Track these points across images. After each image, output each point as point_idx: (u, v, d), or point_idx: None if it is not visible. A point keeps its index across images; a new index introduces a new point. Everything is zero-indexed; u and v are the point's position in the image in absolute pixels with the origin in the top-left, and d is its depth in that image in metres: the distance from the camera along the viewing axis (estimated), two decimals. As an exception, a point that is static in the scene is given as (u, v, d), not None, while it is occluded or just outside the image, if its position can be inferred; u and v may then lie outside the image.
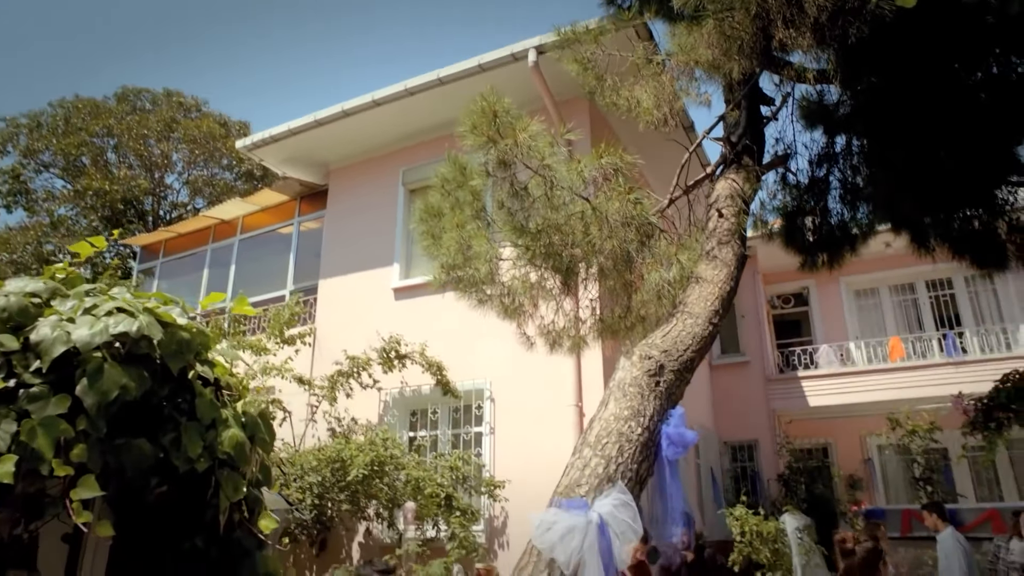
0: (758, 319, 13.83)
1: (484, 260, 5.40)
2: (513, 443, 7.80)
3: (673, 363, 4.05)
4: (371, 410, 8.49)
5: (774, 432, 13.24)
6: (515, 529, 7.42)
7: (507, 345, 6.47)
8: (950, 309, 13.87)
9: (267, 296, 10.80)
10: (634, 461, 3.42)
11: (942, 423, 11.85)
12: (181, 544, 2.20)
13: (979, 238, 5.54)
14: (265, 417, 2.38)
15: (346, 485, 6.77)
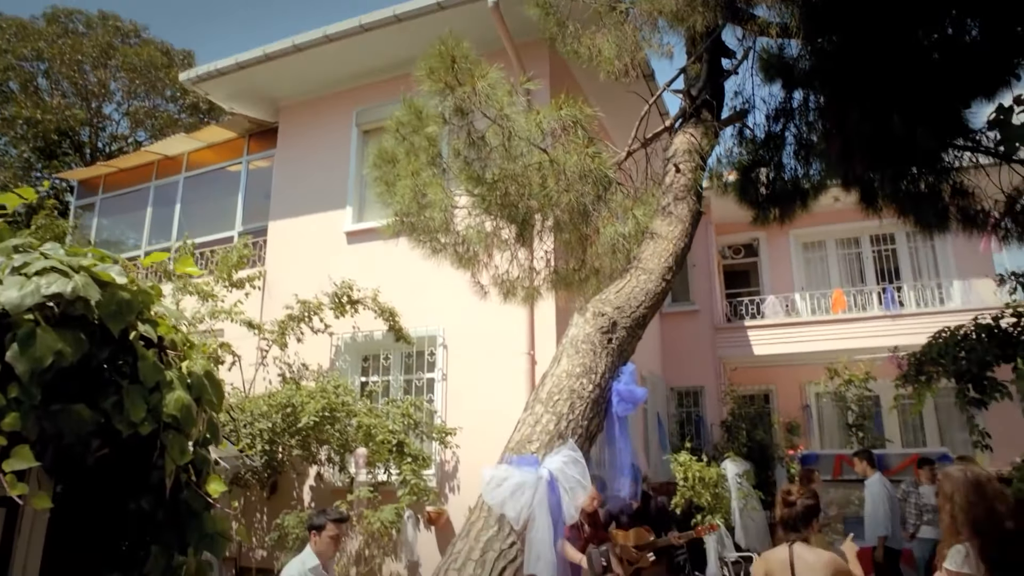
0: (709, 269, 14.07)
1: (439, 209, 5.32)
2: (465, 390, 7.86)
3: (626, 320, 4.09)
4: (323, 355, 8.42)
5: (719, 379, 13.66)
6: (466, 474, 7.55)
7: (461, 293, 6.46)
8: (891, 263, 14.36)
9: (215, 237, 10.49)
10: (585, 418, 3.47)
11: (877, 373, 12.41)
12: (126, 506, 2.16)
13: (924, 199, 5.68)
14: (212, 377, 2.32)
15: (297, 431, 6.76)
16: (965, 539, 2.78)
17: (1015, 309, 7.16)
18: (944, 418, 13.65)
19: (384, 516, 6.53)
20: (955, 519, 2.83)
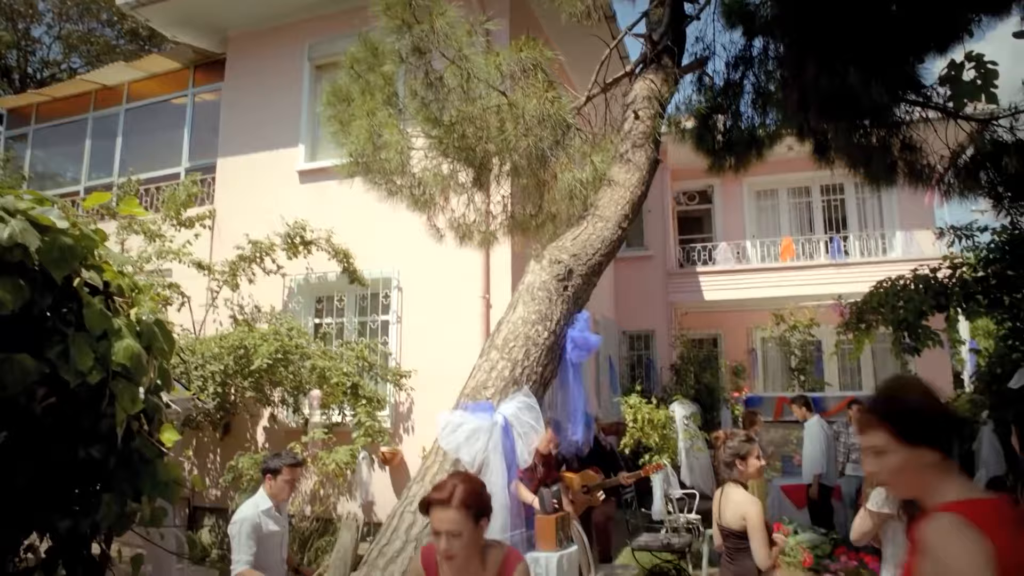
0: (663, 215, 14.20)
1: (395, 150, 5.21)
2: (420, 332, 7.88)
3: (582, 267, 4.13)
4: (275, 296, 8.30)
5: (670, 323, 13.97)
6: (420, 415, 7.64)
7: (416, 236, 6.40)
8: (840, 213, 14.72)
9: (160, 173, 10.08)
10: (539, 364, 3.53)
11: (820, 319, 12.87)
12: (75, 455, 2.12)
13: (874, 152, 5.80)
14: (162, 325, 2.26)
15: (250, 373, 6.70)
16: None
17: (951, 261, 7.45)
18: (879, 363, 14.30)
19: (339, 457, 6.59)
20: None
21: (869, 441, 1.70)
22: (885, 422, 1.68)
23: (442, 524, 2.21)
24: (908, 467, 1.64)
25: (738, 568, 3.30)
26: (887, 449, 1.66)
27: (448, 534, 2.21)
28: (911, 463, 1.64)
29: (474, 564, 2.29)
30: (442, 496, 2.25)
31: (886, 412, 1.70)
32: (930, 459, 1.63)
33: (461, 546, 2.21)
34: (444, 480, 2.35)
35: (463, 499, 2.24)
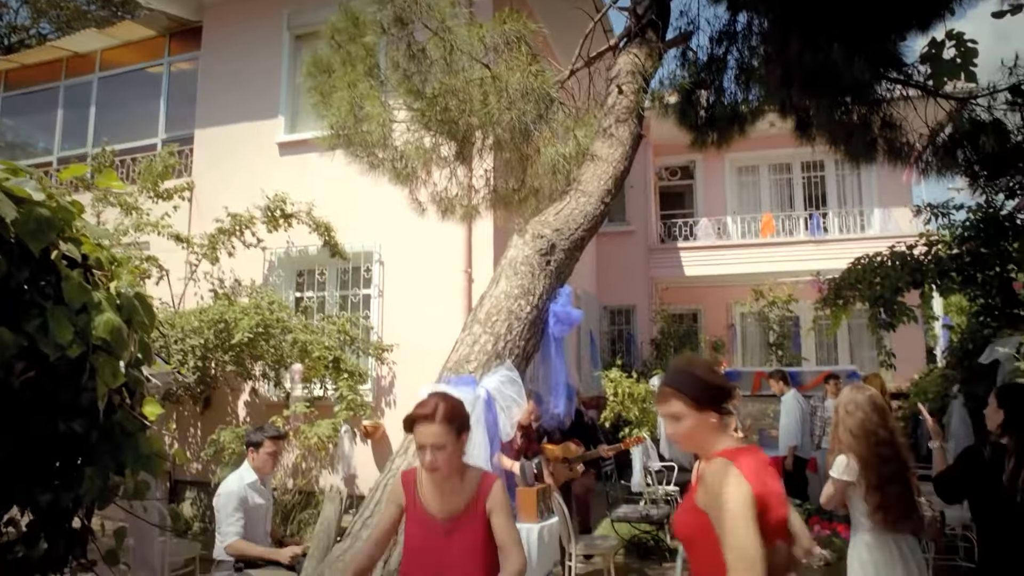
0: (645, 190, 14.22)
1: (377, 123, 5.16)
2: (401, 306, 7.87)
3: (564, 242, 4.14)
4: (255, 270, 8.23)
5: (651, 298, 14.07)
6: (402, 389, 7.66)
7: (398, 209, 6.36)
8: (820, 190, 14.83)
9: (136, 144, 9.88)
10: (522, 338, 3.55)
11: (799, 295, 13.03)
12: (55, 429, 2.11)
13: (855, 130, 5.83)
14: (143, 298, 2.24)
15: (231, 347, 6.67)
16: (846, 450, 3.08)
17: (928, 239, 7.56)
18: (855, 338, 14.54)
19: (321, 430, 6.60)
20: (840, 432, 3.13)
21: (668, 410, 2.04)
22: (681, 393, 2.01)
23: (427, 438, 2.30)
24: (698, 428, 2.01)
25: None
26: (683, 415, 2.01)
27: (433, 447, 2.29)
28: (701, 425, 2.01)
29: (454, 480, 2.37)
30: (426, 412, 2.34)
31: (681, 385, 2.03)
32: (713, 420, 2.01)
33: (445, 459, 2.30)
34: (425, 399, 2.45)
35: (445, 414, 2.33)
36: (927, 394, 8.85)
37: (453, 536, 2.31)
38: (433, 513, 2.36)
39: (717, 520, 1.91)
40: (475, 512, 2.34)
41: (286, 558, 4.08)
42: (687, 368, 2.09)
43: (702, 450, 2.06)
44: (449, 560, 2.27)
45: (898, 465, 3.05)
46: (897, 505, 2.98)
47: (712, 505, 1.93)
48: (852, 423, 3.08)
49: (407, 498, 2.42)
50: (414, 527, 2.36)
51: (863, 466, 3.02)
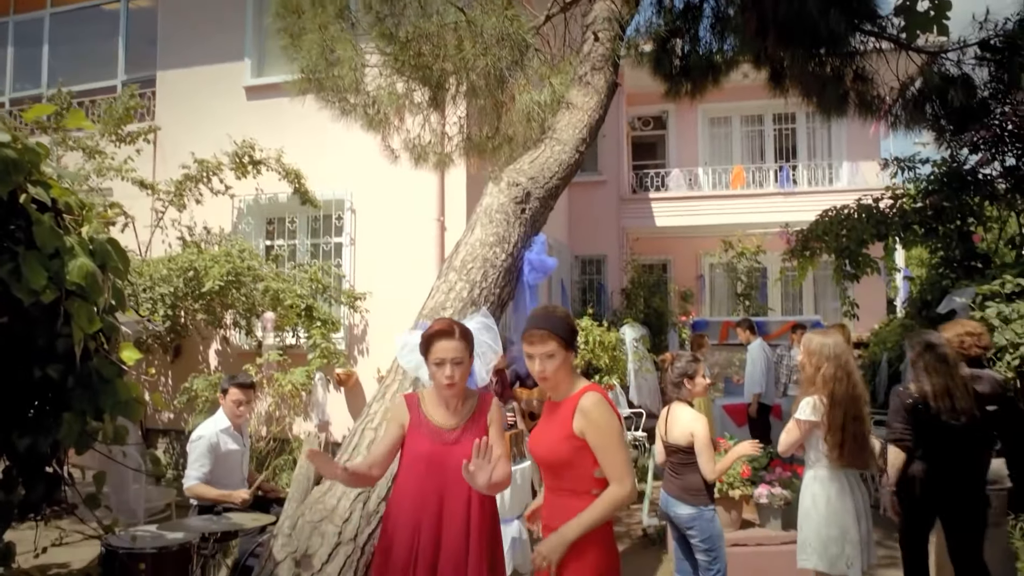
0: (618, 140, 14.16)
1: (349, 67, 5.05)
2: (374, 254, 7.83)
3: (539, 190, 4.14)
4: (224, 218, 8.09)
5: (622, 248, 14.16)
6: (375, 338, 7.69)
7: (370, 156, 6.29)
8: (790, 142, 14.92)
9: (93, 85, 9.52)
10: (497, 286, 3.59)
11: (767, 246, 13.24)
12: (31, 374, 2.11)
13: (828, 82, 5.87)
14: (116, 244, 2.22)
15: (201, 295, 6.60)
16: (816, 392, 3.22)
17: (893, 192, 7.70)
18: (820, 289, 14.87)
19: (294, 378, 6.63)
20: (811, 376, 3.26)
21: (544, 349, 2.33)
22: (555, 334, 2.32)
23: (448, 352, 2.47)
24: (564, 364, 2.35)
25: (683, 482, 3.52)
26: (556, 353, 2.32)
27: (452, 362, 2.46)
28: (567, 362, 2.36)
29: (460, 397, 2.56)
30: (447, 328, 2.53)
31: (555, 327, 2.34)
32: (572, 359, 2.40)
33: (461, 373, 2.49)
34: (440, 319, 2.70)
35: (463, 332, 2.55)
36: (887, 343, 9.14)
37: (459, 444, 2.47)
38: (439, 424, 2.52)
39: (596, 443, 2.25)
40: (479, 424, 2.54)
41: (238, 499, 4.14)
42: (555, 314, 2.42)
43: (563, 384, 2.38)
44: (452, 465, 2.41)
45: (859, 407, 3.20)
46: (856, 442, 3.14)
47: (592, 431, 2.25)
48: (824, 366, 3.20)
49: (411, 415, 2.55)
50: (420, 439, 2.49)
51: (831, 405, 3.15)
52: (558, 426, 2.34)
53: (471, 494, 2.44)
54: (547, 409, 2.49)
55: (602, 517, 2.25)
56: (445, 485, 2.44)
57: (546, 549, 2.22)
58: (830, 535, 3.16)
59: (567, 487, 2.33)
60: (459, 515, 2.43)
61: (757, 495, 4.74)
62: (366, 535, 2.75)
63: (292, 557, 2.64)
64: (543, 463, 2.40)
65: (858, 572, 3.15)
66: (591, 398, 2.30)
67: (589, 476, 2.29)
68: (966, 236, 7.38)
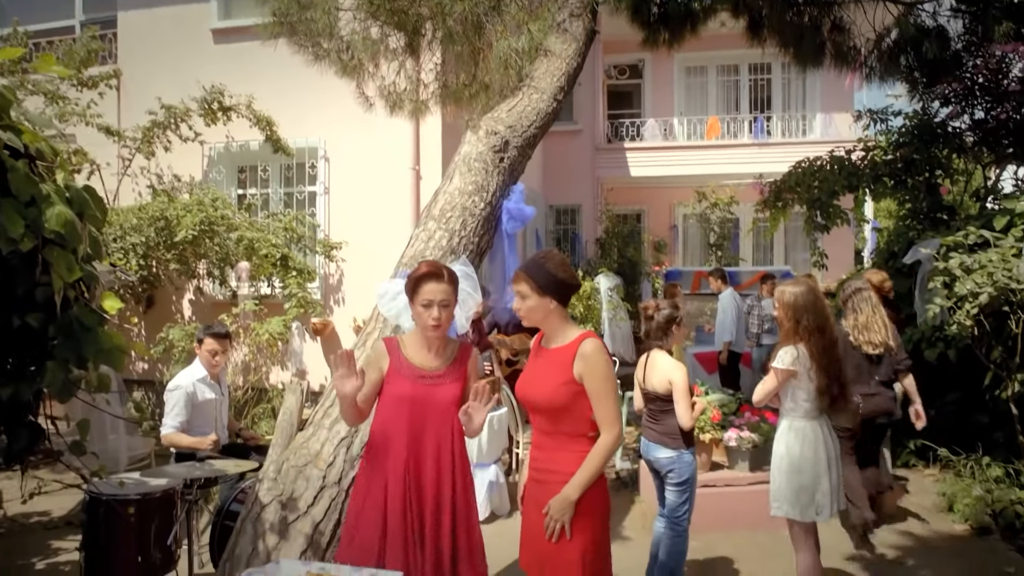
0: (593, 89, 14.02)
1: (322, 10, 4.93)
2: (348, 203, 7.76)
3: (517, 139, 4.13)
4: (194, 166, 7.93)
5: (596, 198, 14.18)
6: (350, 287, 7.68)
7: (344, 104, 6.17)
8: (765, 93, 14.89)
9: (49, 26, 9.12)
10: (476, 234, 3.60)
11: (740, 197, 13.35)
12: (9, 323, 2.09)
13: (805, 32, 5.86)
14: (93, 191, 2.19)
15: (173, 245, 6.51)
16: (798, 342, 3.27)
17: (865, 144, 7.78)
18: (790, 240, 15.09)
19: (271, 328, 6.62)
20: (790, 328, 3.29)
21: (517, 288, 2.42)
22: (528, 277, 2.39)
23: (436, 294, 2.48)
24: (539, 309, 2.40)
25: (662, 427, 3.62)
26: (527, 295, 2.39)
27: (440, 304, 2.48)
28: (540, 307, 2.39)
29: (443, 341, 2.60)
30: (436, 270, 2.54)
31: (528, 270, 2.41)
32: (552, 306, 2.40)
33: (447, 316, 2.52)
34: (428, 261, 2.69)
35: (450, 275, 2.56)
36: (853, 293, 9.36)
37: (440, 387, 2.52)
38: (421, 366, 2.55)
39: (593, 389, 2.33)
40: (459, 372, 2.59)
41: (207, 444, 4.19)
42: (540, 261, 2.45)
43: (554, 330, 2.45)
44: (435, 405, 2.50)
45: (837, 351, 3.28)
46: (840, 385, 3.22)
47: (590, 376, 2.32)
48: (803, 317, 3.23)
49: (391, 359, 2.57)
50: (401, 381, 2.52)
51: (813, 353, 3.21)
52: (557, 371, 2.37)
53: (454, 432, 2.52)
54: (535, 355, 2.52)
55: (599, 469, 2.33)
56: (430, 424, 2.50)
57: (556, 512, 2.28)
58: (802, 485, 3.24)
59: (564, 431, 2.38)
60: (446, 451, 2.50)
61: (727, 439, 4.91)
62: (350, 479, 2.82)
63: (278, 500, 2.70)
64: (539, 408, 2.43)
65: (826, 517, 3.27)
66: (592, 344, 2.35)
67: (586, 419, 2.36)
68: (933, 188, 7.52)
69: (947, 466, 5.75)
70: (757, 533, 4.75)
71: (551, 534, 2.29)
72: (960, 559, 4.39)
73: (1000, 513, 4.81)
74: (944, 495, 5.32)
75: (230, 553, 2.66)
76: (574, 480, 2.29)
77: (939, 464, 5.92)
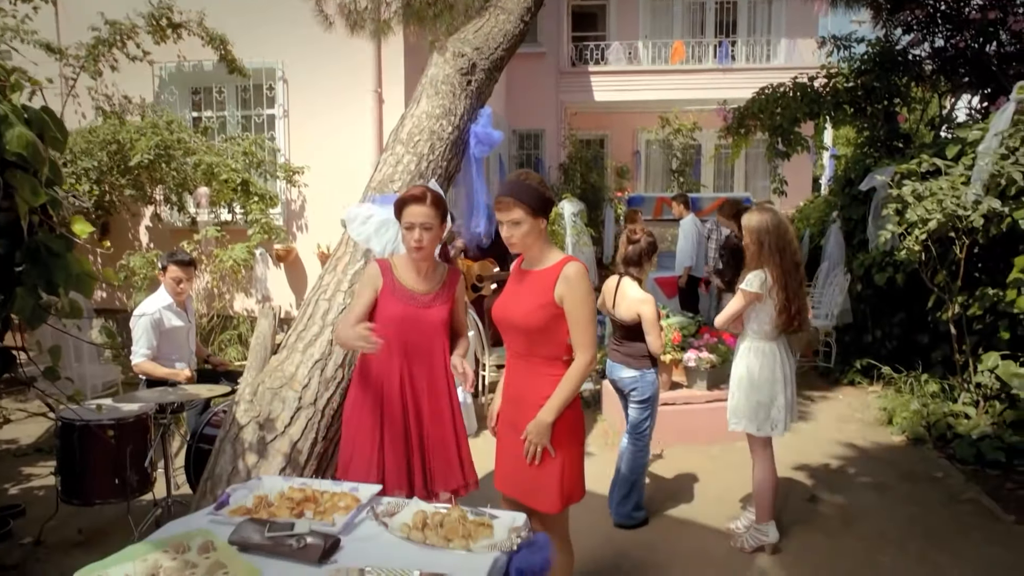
0: (558, 10, 13.68)
1: (276, -80, 4.67)
2: (309, 127, 7.56)
3: (484, 61, 4.06)
4: (144, 87, 7.57)
5: (560, 123, 14.05)
6: (313, 213, 7.58)
7: (302, 23, 5.95)
8: (731, 16, 14.72)
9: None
10: (444, 159, 3.59)
11: (703, 123, 13.37)
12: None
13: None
14: (52, 113, 2.13)
15: (128, 170, 6.30)
16: (763, 266, 3.38)
17: (828, 71, 7.83)
18: (751, 167, 15.26)
19: (236, 255, 6.54)
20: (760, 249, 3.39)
21: (509, 216, 2.37)
22: (520, 202, 2.34)
23: (418, 217, 2.51)
24: (532, 232, 2.38)
25: (627, 349, 3.75)
26: (523, 220, 2.35)
27: (422, 227, 2.51)
28: (534, 229, 2.38)
29: (430, 264, 2.66)
30: (418, 194, 2.56)
31: (517, 194, 2.35)
32: (543, 226, 2.42)
33: (430, 239, 2.55)
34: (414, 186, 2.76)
35: (434, 199, 2.57)
36: (810, 219, 9.61)
37: (430, 309, 2.61)
38: (412, 289, 2.61)
39: (572, 311, 2.35)
40: (447, 295, 2.67)
41: (183, 377, 4.22)
42: (524, 183, 2.40)
43: (537, 253, 2.45)
44: (425, 326, 2.59)
45: (800, 273, 3.41)
46: (798, 311, 3.36)
47: (571, 299, 2.34)
48: (767, 240, 3.33)
49: (384, 279, 2.62)
50: (393, 302, 2.59)
51: (778, 276, 3.32)
52: (537, 293, 2.40)
53: (443, 351, 2.64)
54: (516, 277, 2.55)
55: (573, 391, 2.39)
56: (421, 343, 2.59)
57: (534, 436, 2.36)
58: (760, 402, 3.42)
59: (541, 353, 2.43)
60: (438, 367, 2.62)
61: (686, 359, 5.11)
62: (324, 399, 2.89)
63: (256, 421, 2.76)
64: (516, 329, 2.46)
65: (781, 432, 3.49)
66: (575, 267, 2.37)
67: (562, 343, 2.41)
68: (891, 116, 7.66)
69: (889, 383, 6.11)
70: (712, 447, 5.03)
71: (531, 458, 2.38)
72: (896, 466, 4.73)
73: (934, 425, 5.17)
74: (885, 410, 5.67)
75: (210, 472, 2.73)
76: (550, 403, 2.36)
77: (882, 382, 6.27)
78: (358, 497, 2.04)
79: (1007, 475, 4.49)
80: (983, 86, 7.15)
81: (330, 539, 1.75)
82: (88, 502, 3.52)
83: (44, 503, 3.95)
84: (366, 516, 1.96)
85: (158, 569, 1.63)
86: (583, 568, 3.18)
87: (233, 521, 1.87)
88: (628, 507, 3.81)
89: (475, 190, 3.84)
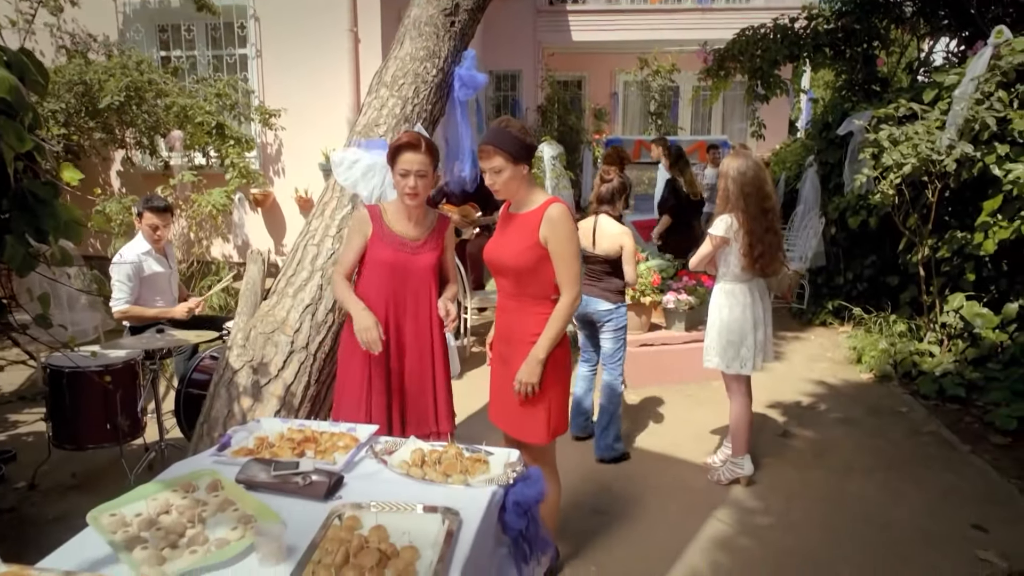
0: (536, -56, 13.29)
1: None
2: (284, 68, 7.36)
3: (468, 1, 3.98)
4: (108, 23, 7.30)
5: (537, 64, 13.81)
6: (290, 157, 7.46)
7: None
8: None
9: None
10: (429, 102, 3.56)
11: (682, 65, 13.24)
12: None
13: None
14: (31, 55, 2.08)
15: (97, 112, 6.12)
16: (731, 211, 3.46)
17: (810, 12, 7.76)
18: (728, 110, 15.22)
19: (214, 199, 6.44)
20: (728, 195, 3.48)
21: (491, 164, 2.41)
22: (501, 149, 2.38)
23: (413, 164, 2.53)
24: (515, 178, 2.43)
25: (604, 284, 3.87)
26: (504, 168, 2.40)
27: (416, 174, 2.54)
28: (516, 175, 2.43)
29: (421, 211, 2.69)
30: (413, 141, 2.56)
31: (497, 142, 2.39)
32: (525, 172, 2.47)
33: (424, 186, 2.59)
34: (407, 132, 2.75)
35: (428, 146, 2.59)
36: (786, 163, 9.69)
37: (419, 256, 2.66)
38: (402, 234, 2.65)
39: (556, 251, 2.42)
40: (437, 241, 2.71)
41: (181, 313, 4.21)
42: (504, 129, 2.42)
43: (522, 196, 2.51)
44: (415, 272, 2.65)
45: (772, 220, 3.49)
46: (771, 252, 3.46)
47: (554, 239, 2.41)
48: (745, 183, 3.40)
49: (374, 225, 2.65)
50: (383, 247, 2.63)
51: (744, 221, 3.41)
52: (524, 235, 2.46)
53: (431, 295, 2.69)
54: (503, 220, 2.61)
55: (562, 329, 2.48)
56: (410, 287, 2.65)
57: (525, 376, 2.45)
58: (730, 340, 3.57)
59: (529, 293, 2.51)
60: (424, 310, 2.67)
61: (665, 301, 5.22)
62: (316, 343, 2.93)
63: (249, 365, 2.80)
64: (506, 271, 2.54)
65: (750, 371, 3.62)
66: (558, 208, 2.43)
67: (549, 283, 2.49)
68: (870, 59, 7.66)
69: (859, 324, 6.31)
70: (689, 385, 5.20)
71: (525, 394, 2.48)
72: (863, 402, 4.94)
73: (900, 363, 5.38)
74: (854, 349, 5.87)
75: (206, 415, 2.78)
76: (540, 342, 2.46)
77: (852, 322, 6.47)
78: (356, 437, 2.12)
79: (966, 409, 4.73)
80: (961, 29, 7.16)
81: (334, 476, 1.83)
82: (80, 447, 3.56)
83: (34, 449, 3.99)
84: (365, 455, 2.03)
85: (170, 507, 1.70)
86: (569, 501, 3.32)
87: (237, 461, 1.93)
88: (610, 438, 3.97)
89: (460, 134, 3.83)
